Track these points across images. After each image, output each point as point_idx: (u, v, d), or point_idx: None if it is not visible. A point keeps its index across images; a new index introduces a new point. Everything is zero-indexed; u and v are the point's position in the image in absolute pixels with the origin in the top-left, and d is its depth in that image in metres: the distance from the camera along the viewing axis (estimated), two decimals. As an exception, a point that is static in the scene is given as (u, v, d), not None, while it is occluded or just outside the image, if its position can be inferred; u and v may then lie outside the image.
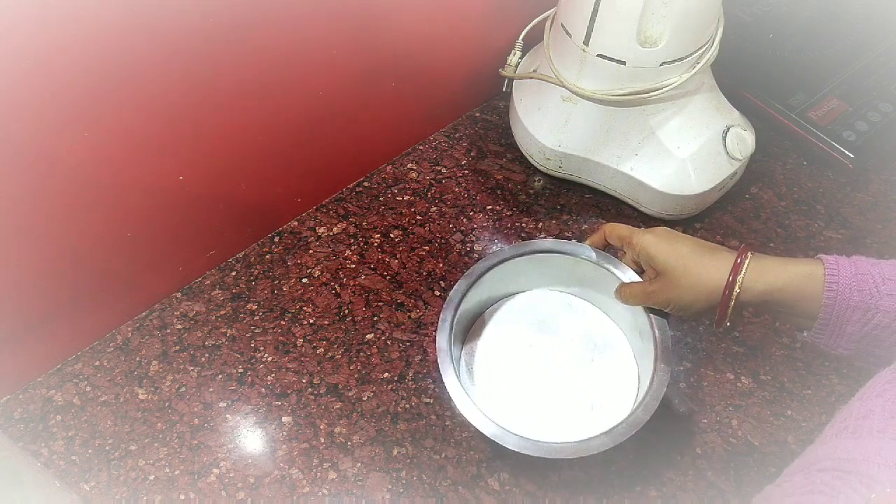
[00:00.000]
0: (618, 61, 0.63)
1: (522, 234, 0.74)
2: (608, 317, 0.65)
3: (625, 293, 0.56)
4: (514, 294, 0.66)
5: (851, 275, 0.43)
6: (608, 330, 0.64)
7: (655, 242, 0.51)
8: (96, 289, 0.62)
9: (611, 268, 0.59)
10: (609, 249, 0.59)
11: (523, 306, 0.66)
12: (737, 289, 0.46)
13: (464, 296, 0.58)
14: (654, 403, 0.52)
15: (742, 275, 0.46)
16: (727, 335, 0.67)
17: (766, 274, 0.46)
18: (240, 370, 0.65)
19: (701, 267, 0.48)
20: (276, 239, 0.74)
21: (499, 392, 0.60)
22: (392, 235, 0.74)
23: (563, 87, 0.67)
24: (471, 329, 0.64)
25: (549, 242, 0.61)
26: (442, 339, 0.56)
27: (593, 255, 0.59)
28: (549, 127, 0.71)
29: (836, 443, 0.34)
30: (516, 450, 0.50)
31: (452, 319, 0.57)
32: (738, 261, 0.47)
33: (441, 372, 0.54)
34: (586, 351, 0.63)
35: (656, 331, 0.55)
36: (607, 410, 0.59)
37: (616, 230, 0.56)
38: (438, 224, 0.75)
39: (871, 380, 0.37)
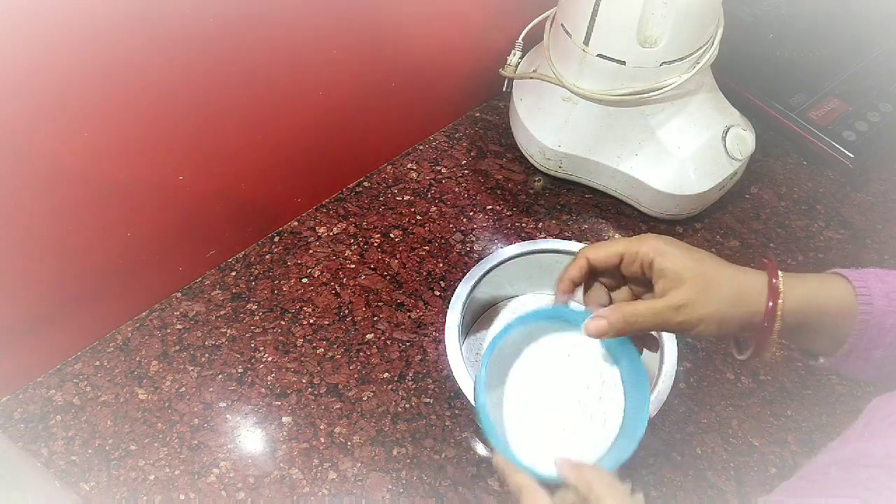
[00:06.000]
0: (618, 61, 0.63)
1: (522, 235, 0.74)
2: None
3: (624, 317, 0.41)
4: (512, 297, 0.66)
5: (884, 295, 0.38)
6: None
7: (668, 249, 0.40)
8: (96, 289, 0.62)
9: None
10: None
11: (522, 307, 0.66)
12: (778, 318, 0.38)
13: (477, 282, 0.59)
14: (661, 399, 0.52)
15: (781, 300, 0.38)
16: (727, 335, 0.67)
17: (801, 300, 0.39)
18: (240, 370, 0.65)
19: (733, 276, 0.39)
20: (276, 239, 0.74)
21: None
22: (392, 235, 0.74)
23: (563, 87, 0.67)
24: (472, 327, 0.64)
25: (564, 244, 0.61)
26: (452, 317, 0.56)
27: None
28: (549, 127, 0.71)
29: (879, 441, 0.32)
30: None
31: (467, 297, 0.57)
32: (774, 282, 0.39)
33: (447, 353, 0.53)
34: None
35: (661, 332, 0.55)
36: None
37: (606, 250, 0.43)
38: (438, 224, 0.75)
39: None
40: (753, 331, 0.40)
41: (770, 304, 0.38)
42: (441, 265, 0.72)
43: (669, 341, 0.55)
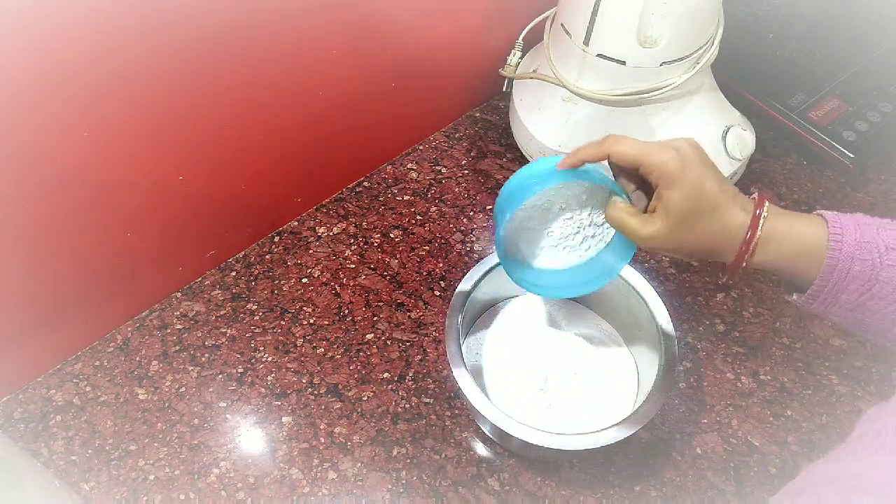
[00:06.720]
0: (618, 61, 0.63)
1: (522, 234, 0.74)
2: (604, 319, 0.65)
3: (616, 219, 0.46)
4: (513, 297, 0.66)
5: (855, 242, 0.41)
6: (604, 330, 0.64)
7: (677, 177, 0.42)
8: (96, 289, 0.62)
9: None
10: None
11: (522, 308, 0.66)
12: (750, 253, 0.42)
13: (477, 282, 0.59)
14: (661, 399, 0.52)
15: (756, 239, 0.42)
16: (727, 335, 0.67)
17: (777, 241, 0.42)
18: (240, 370, 0.65)
19: (718, 222, 0.43)
20: (276, 239, 0.74)
21: (500, 390, 0.60)
22: (392, 235, 0.74)
23: (564, 87, 0.67)
24: (472, 327, 0.64)
25: None
26: (452, 317, 0.56)
27: None
28: (550, 127, 0.71)
29: (872, 459, 0.31)
30: (522, 438, 0.50)
31: (467, 297, 0.57)
32: (757, 212, 0.42)
33: (448, 356, 0.53)
34: (584, 351, 0.63)
35: (660, 328, 0.55)
36: (606, 410, 0.59)
37: (626, 148, 0.44)
38: (438, 224, 0.75)
39: None
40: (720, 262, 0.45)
41: (748, 234, 0.42)
42: (441, 265, 0.72)
43: (669, 341, 0.55)
